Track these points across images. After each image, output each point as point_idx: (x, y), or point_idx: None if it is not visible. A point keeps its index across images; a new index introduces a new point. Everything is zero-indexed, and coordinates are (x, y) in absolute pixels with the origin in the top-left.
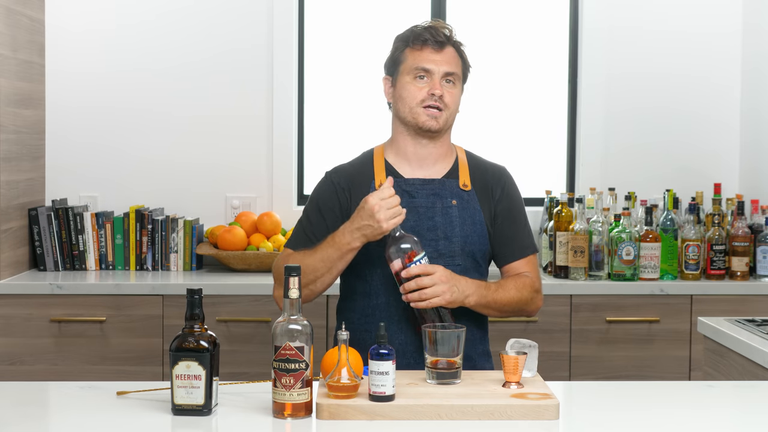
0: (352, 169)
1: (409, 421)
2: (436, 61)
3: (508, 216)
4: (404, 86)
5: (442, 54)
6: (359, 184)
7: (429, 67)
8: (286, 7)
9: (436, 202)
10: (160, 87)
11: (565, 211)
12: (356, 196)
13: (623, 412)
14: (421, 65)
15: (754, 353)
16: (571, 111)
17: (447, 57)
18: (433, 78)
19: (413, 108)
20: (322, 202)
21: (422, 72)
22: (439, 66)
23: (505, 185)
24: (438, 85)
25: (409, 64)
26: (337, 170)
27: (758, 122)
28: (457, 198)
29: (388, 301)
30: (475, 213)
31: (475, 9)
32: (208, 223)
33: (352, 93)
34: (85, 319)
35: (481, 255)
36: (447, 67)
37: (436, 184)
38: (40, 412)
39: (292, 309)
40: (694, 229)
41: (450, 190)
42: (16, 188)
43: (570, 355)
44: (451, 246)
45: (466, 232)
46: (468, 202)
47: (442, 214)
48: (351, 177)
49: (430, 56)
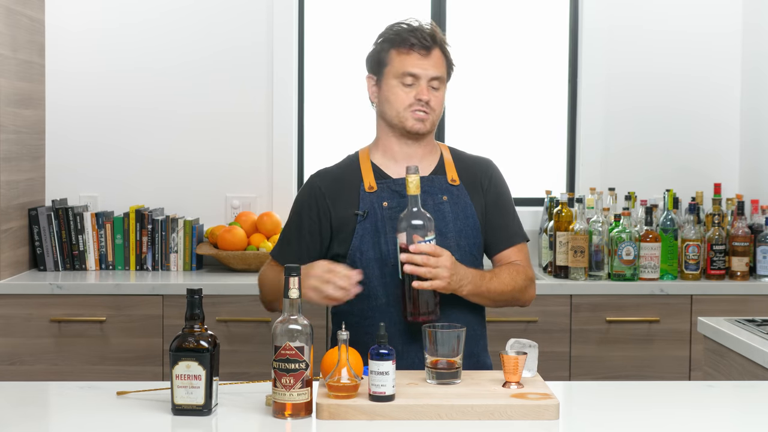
0: (338, 173)
1: (409, 421)
2: (423, 66)
3: (496, 206)
4: (390, 90)
5: (429, 58)
6: (344, 188)
7: (416, 72)
8: (286, 6)
9: (426, 199)
10: (160, 86)
11: (565, 211)
12: (340, 200)
13: (623, 412)
14: (408, 71)
15: (754, 353)
16: (571, 111)
17: (433, 61)
18: (420, 83)
19: (400, 113)
20: (301, 207)
21: (409, 77)
22: (426, 71)
23: (492, 176)
24: (425, 91)
25: (396, 67)
26: (320, 174)
27: (758, 122)
28: (447, 194)
29: (388, 302)
30: (467, 207)
31: (475, 9)
32: (208, 223)
33: (353, 92)
34: (85, 319)
35: (476, 248)
36: (434, 72)
37: (425, 182)
38: (40, 412)
39: (292, 309)
40: (694, 229)
41: (439, 186)
42: (16, 188)
43: (570, 355)
44: (445, 241)
45: (459, 227)
46: (458, 197)
47: (434, 210)
48: (336, 181)
49: (416, 61)
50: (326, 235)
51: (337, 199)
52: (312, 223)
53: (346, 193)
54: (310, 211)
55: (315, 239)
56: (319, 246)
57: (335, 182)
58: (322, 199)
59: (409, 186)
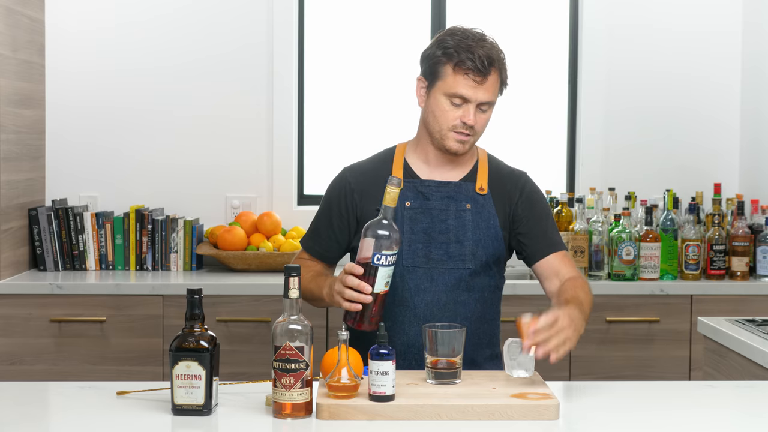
0: (369, 167)
1: (409, 421)
2: (476, 90)
3: (531, 216)
4: (438, 105)
5: (483, 85)
6: (374, 183)
7: (467, 96)
8: (286, 7)
9: (450, 205)
10: (161, 87)
11: (565, 211)
12: (369, 195)
13: (623, 412)
14: (459, 92)
15: (754, 353)
16: (571, 110)
17: (487, 86)
18: (469, 107)
19: (443, 130)
20: (330, 200)
21: (459, 99)
22: (477, 95)
23: (524, 188)
24: (471, 116)
25: (448, 84)
26: (352, 168)
27: (758, 122)
28: (471, 202)
29: (393, 301)
30: (490, 217)
31: (475, 8)
32: (208, 223)
33: (353, 93)
34: (85, 319)
35: (493, 259)
36: (485, 98)
37: (451, 187)
38: (40, 412)
39: (292, 309)
40: (694, 229)
41: (465, 193)
42: (16, 188)
43: (570, 355)
44: (461, 249)
45: (479, 236)
46: (483, 206)
47: (456, 217)
48: (366, 176)
49: (470, 84)
50: (354, 228)
51: (365, 193)
52: (341, 216)
53: (375, 188)
54: (339, 205)
55: (343, 231)
56: (348, 238)
57: (365, 176)
58: (351, 194)
59: (386, 197)
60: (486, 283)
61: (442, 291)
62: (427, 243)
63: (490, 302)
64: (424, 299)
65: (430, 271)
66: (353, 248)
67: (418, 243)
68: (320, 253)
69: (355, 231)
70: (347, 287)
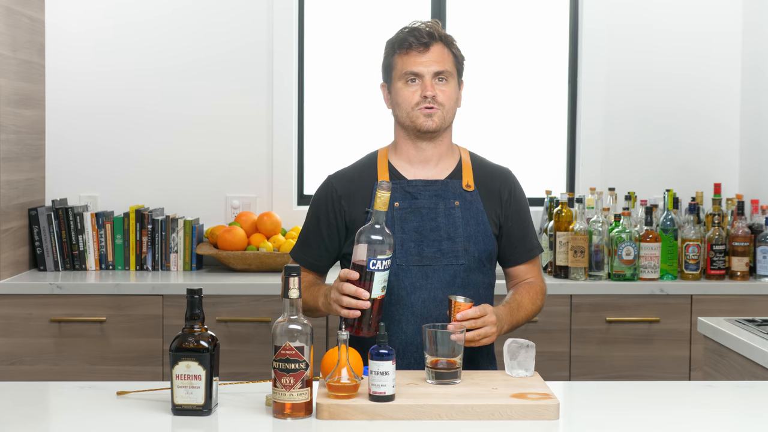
0: (354, 173)
1: (409, 421)
2: (424, 62)
3: (517, 219)
4: (398, 92)
5: (429, 54)
6: (360, 187)
7: (417, 70)
8: (286, 6)
9: (438, 203)
10: (160, 87)
11: (565, 211)
12: (356, 200)
13: (623, 412)
14: (409, 69)
15: (754, 353)
16: (571, 110)
17: (434, 56)
18: (424, 80)
19: (409, 112)
20: (318, 209)
21: (412, 76)
22: (428, 66)
23: (512, 188)
24: (429, 86)
25: (399, 69)
26: (337, 175)
27: (758, 122)
28: (459, 199)
29: (390, 301)
30: (479, 213)
31: (475, 8)
32: (208, 223)
33: (353, 93)
34: (85, 319)
35: (486, 255)
36: (436, 67)
37: (438, 185)
38: (40, 412)
39: (292, 309)
40: (694, 229)
41: (453, 191)
42: (16, 188)
43: (570, 355)
44: (454, 246)
45: (470, 233)
46: (471, 203)
47: (445, 215)
48: (351, 181)
49: (416, 59)
50: (343, 234)
51: (353, 198)
52: (329, 224)
53: (362, 193)
54: (327, 213)
55: (333, 239)
56: (338, 246)
57: (351, 183)
58: (338, 201)
59: (377, 201)
60: (480, 281)
61: (438, 288)
62: (419, 242)
63: (485, 299)
64: (420, 297)
65: (425, 268)
66: (344, 255)
67: (410, 242)
68: (311, 263)
69: (345, 237)
70: (344, 294)
